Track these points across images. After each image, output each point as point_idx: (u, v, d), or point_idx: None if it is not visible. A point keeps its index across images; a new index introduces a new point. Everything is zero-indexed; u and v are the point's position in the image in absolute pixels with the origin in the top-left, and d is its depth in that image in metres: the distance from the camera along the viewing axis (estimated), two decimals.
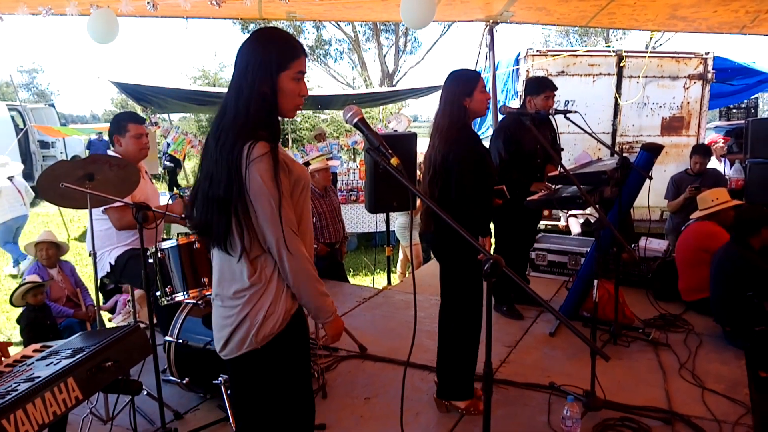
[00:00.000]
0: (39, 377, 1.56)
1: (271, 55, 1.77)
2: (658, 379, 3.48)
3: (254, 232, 1.76)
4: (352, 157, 11.67)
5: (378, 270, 7.43)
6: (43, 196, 3.05)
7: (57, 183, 2.84)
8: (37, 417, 1.46)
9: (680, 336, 4.07)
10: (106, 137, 12.14)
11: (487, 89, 6.51)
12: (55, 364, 1.63)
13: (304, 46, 1.92)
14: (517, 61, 7.99)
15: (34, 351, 1.86)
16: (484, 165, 3.00)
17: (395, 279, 6.46)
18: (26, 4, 5.25)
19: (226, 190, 1.73)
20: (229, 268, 1.82)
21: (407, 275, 6.84)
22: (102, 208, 3.41)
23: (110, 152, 3.57)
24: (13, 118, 13.56)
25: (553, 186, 3.93)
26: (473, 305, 3.06)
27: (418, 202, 4.34)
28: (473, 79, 3.02)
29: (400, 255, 7.08)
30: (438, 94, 3.25)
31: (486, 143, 3.39)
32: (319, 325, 2.08)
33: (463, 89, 2.98)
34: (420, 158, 5.15)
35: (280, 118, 1.87)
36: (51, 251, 4.91)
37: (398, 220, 6.62)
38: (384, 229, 5.84)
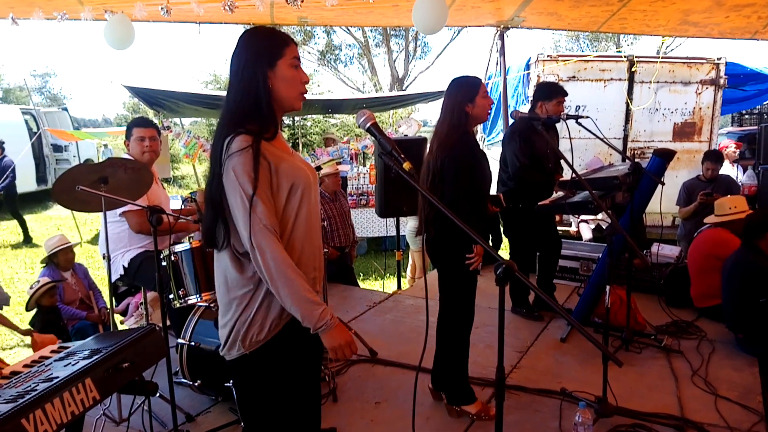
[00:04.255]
0: (57, 377, 1.58)
1: (261, 49, 1.79)
2: (671, 385, 3.46)
3: (235, 229, 1.74)
4: (362, 161, 11.69)
5: (388, 274, 7.43)
6: (57, 201, 3.10)
7: (72, 187, 2.88)
8: (56, 417, 1.48)
9: (693, 343, 4.04)
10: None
11: (498, 94, 6.52)
12: (73, 365, 1.66)
13: (315, 51, 1.94)
14: (527, 66, 7.99)
15: (52, 352, 1.89)
16: (479, 171, 3.00)
17: (405, 284, 6.46)
18: (41, 9, 5.31)
19: (210, 186, 1.76)
20: (221, 273, 1.83)
21: (417, 280, 6.84)
22: (120, 212, 3.45)
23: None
24: (26, 122, 13.68)
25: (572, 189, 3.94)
26: (468, 310, 3.08)
27: None
28: (475, 84, 3.03)
29: (410, 260, 7.08)
30: None
31: (497, 148, 3.40)
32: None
33: (465, 95, 3.00)
34: None
35: (283, 116, 1.88)
36: (70, 254, 4.99)
37: (408, 225, 6.62)
38: (394, 233, 5.85)
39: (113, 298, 3.46)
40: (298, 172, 1.79)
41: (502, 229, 4.94)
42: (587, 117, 3.56)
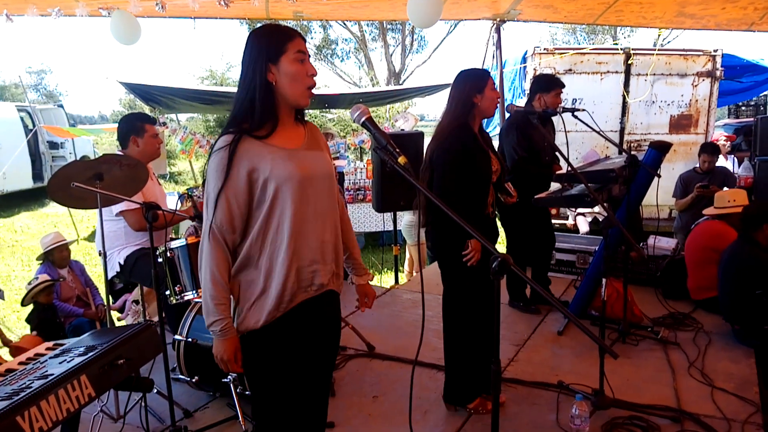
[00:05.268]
0: (52, 374, 1.58)
1: (262, 46, 1.80)
2: (667, 377, 3.48)
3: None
4: (359, 156, 11.67)
5: (385, 269, 7.44)
6: (52, 198, 3.08)
7: (67, 183, 2.86)
8: (51, 414, 1.48)
9: (689, 334, 4.05)
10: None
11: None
12: (68, 362, 1.66)
13: (312, 46, 1.94)
14: (524, 60, 7.98)
15: (47, 349, 1.89)
16: (473, 165, 2.94)
17: (403, 278, 6.47)
18: (36, 6, 5.28)
19: None
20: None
21: (414, 274, 6.84)
22: (117, 211, 3.44)
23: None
24: (22, 119, 13.63)
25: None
26: (469, 303, 3.02)
27: None
28: (484, 76, 3.02)
29: (408, 254, 7.08)
30: (445, 93, 3.24)
31: (494, 142, 3.37)
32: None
33: (473, 86, 2.98)
34: None
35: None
36: (65, 252, 4.97)
37: (405, 219, 6.62)
38: (391, 228, 5.85)
39: (110, 295, 3.45)
40: (281, 170, 1.77)
41: (498, 222, 4.94)
42: (584, 110, 3.56)
